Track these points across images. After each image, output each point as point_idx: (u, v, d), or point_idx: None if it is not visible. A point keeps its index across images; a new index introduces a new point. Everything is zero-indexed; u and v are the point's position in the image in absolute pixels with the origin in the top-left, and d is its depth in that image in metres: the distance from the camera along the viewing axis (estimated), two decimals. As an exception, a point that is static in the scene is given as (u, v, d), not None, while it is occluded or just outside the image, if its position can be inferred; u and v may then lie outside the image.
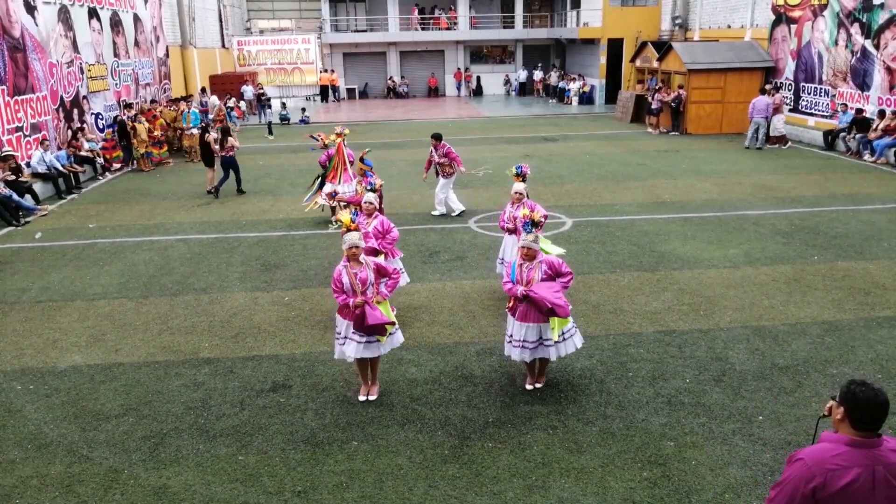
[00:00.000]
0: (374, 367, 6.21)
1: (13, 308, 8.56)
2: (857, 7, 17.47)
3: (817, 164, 16.44)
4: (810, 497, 2.82)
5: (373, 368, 6.21)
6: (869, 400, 2.82)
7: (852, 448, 2.84)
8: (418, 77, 37.68)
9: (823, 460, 2.84)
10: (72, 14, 17.32)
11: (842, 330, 7.35)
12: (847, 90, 18.17)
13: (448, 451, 5.38)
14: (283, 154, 19.85)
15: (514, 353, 6.02)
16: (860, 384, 2.88)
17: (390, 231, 7.41)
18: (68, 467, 5.30)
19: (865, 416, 2.83)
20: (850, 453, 2.83)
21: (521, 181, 8.11)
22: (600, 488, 4.90)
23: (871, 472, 2.81)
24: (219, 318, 8.10)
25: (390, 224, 7.52)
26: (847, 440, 2.87)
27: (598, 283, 8.90)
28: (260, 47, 34.33)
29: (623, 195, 13.66)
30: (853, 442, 2.85)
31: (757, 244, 10.32)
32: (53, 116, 16.01)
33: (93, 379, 6.68)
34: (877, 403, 2.82)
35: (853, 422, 2.86)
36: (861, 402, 2.83)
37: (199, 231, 11.86)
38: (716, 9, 25.14)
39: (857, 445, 2.84)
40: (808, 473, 2.84)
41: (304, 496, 4.90)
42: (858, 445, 2.84)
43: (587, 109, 29.69)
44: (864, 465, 2.81)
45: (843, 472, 2.80)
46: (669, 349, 7.00)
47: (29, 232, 12.06)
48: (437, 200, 12.46)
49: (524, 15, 36.93)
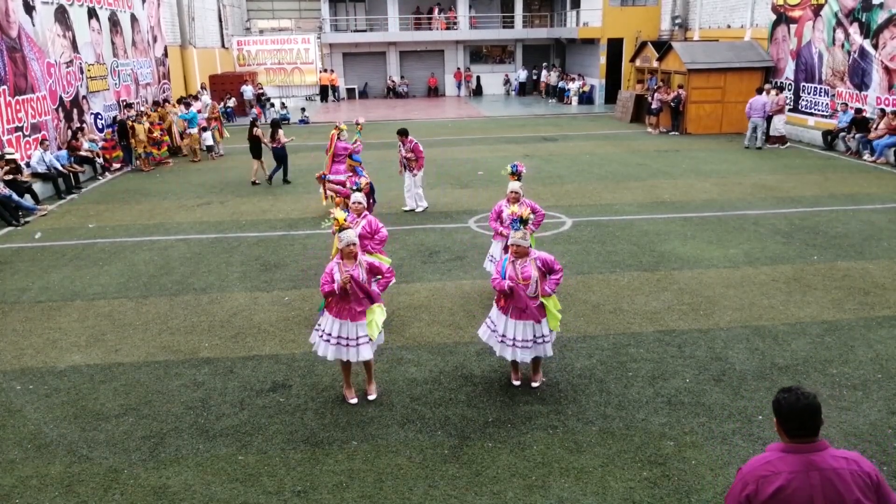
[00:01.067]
0: (367, 367, 6.16)
1: (13, 308, 8.56)
2: (856, 7, 17.48)
3: (817, 164, 16.44)
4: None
5: (367, 368, 6.17)
6: (791, 406, 2.84)
7: (785, 454, 2.87)
8: (418, 77, 37.68)
9: (756, 468, 2.88)
10: (70, 14, 17.31)
11: (841, 330, 7.35)
12: (845, 90, 18.18)
13: (448, 451, 5.38)
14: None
15: (515, 354, 5.99)
16: (785, 391, 2.91)
17: (378, 231, 7.29)
18: (68, 467, 5.30)
19: (792, 423, 2.86)
20: (782, 459, 2.86)
21: (517, 180, 8.09)
22: (600, 488, 4.91)
23: (804, 478, 2.80)
24: (219, 317, 8.10)
25: (378, 224, 7.38)
26: (781, 447, 2.91)
27: (598, 283, 8.90)
28: (260, 47, 34.33)
29: (623, 195, 13.66)
30: (787, 448, 2.89)
31: (757, 244, 10.32)
32: (53, 116, 16.01)
33: (93, 379, 6.68)
34: (799, 408, 2.83)
35: (786, 430, 2.90)
36: (784, 410, 2.87)
37: (198, 231, 11.86)
38: (715, 9, 25.14)
39: (790, 451, 2.87)
40: (742, 482, 2.89)
41: (303, 496, 4.90)
42: (792, 451, 2.87)
43: (587, 109, 29.69)
44: (795, 470, 2.82)
45: (772, 479, 2.82)
46: (669, 349, 7.00)
47: (29, 232, 12.06)
48: (409, 195, 12.73)
49: (524, 15, 36.93)
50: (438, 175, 16.00)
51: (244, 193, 14.69)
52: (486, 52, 38.06)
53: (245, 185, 15.56)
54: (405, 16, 36.96)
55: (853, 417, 5.69)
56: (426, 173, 15.92)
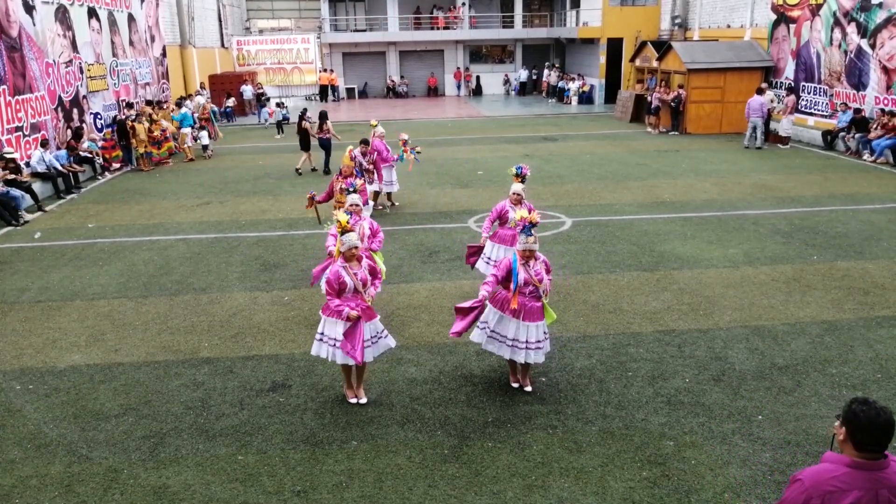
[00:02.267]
0: (359, 370, 6.13)
1: (13, 308, 8.56)
2: (854, 6, 17.48)
3: (817, 164, 16.45)
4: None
5: (357, 372, 6.14)
6: (870, 420, 2.69)
7: (853, 469, 2.72)
8: (418, 77, 37.67)
9: (821, 482, 2.73)
10: (70, 14, 17.31)
11: (841, 330, 7.36)
12: (843, 90, 18.18)
13: (448, 451, 5.38)
14: (284, 154, 19.83)
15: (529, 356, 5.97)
16: (862, 403, 2.76)
17: (379, 232, 7.42)
18: (68, 467, 5.30)
19: (867, 438, 2.70)
20: (849, 475, 2.71)
21: (521, 182, 8.09)
22: (600, 488, 4.91)
23: (873, 496, 2.69)
24: (218, 317, 8.09)
25: (377, 225, 7.54)
26: (848, 461, 2.75)
27: (598, 282, 8.90)
28: (259, 47, 34.32)
29: (623, 195, 13.66)
30: (854, 464, 2.73)
31: (756, 244, 10.32)
32: (52, 116, 15.99)
33: (92, 379, 6.68)
34: (879, 424, 2.69)
35: (855, 443, 2.74)
36: (862, 423, 2.70)
37: (198, 231, 11.86)
38: (715, 8, 25.14)
39: (858, 467, 2.72)
40: (804, 494, 2.74)
41: (303, 496, 4.90)
42: (860, 467, 2.72)
43: (587, 109, 29.69)
44: (865, 487, 2.69)
45: (841, 495, 2.68)
46: (669, 349, 7.00)
47: (28, 232, 12.06)
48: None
49: (524, 14, 36.93)
50: (438, 175, 16.01)
51: (244, 193, 14.70)
52: (486, 52, 38.06)
53: (245, 184, 15.57)
54: (405, 16, 36.96)
55: (853, 417, 5.69)
56: (425, 172, 15.96)
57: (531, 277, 5.83)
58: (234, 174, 16.88)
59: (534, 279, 5.82)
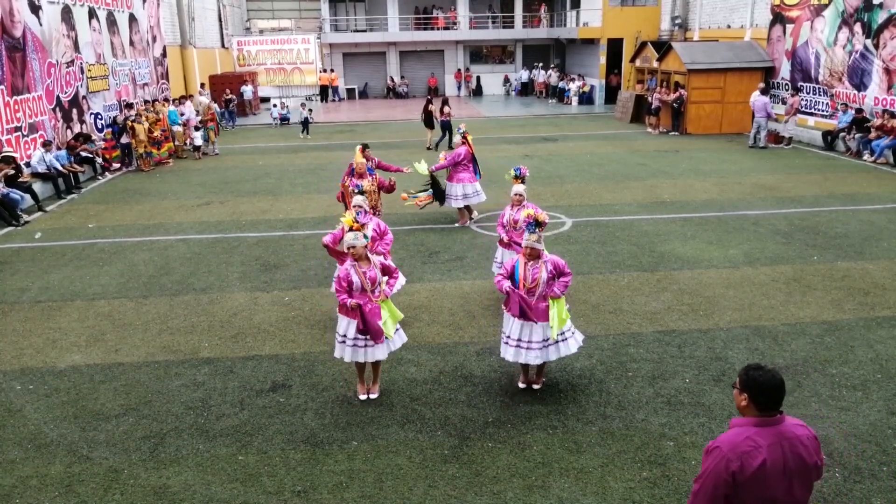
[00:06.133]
0: (375, 366, 6.20)
1: (13, 308, 8.56)
2: (858, 7, 17.48)
3: (817, 164, 16.45)
4: (731, 482, 2.95)
5: (374, 368, 6.21)
6: (768, 382, 2.99)
7: (760, 428, 3.01)
8: (418, 77, 37.67)
9: (737, 444, 2.98)
10: (74, 14, 17.33)
11: (841, 330, 7.35)
12: (843, 90, 18.18)
13: (448, 451, 5.38)
14: (284, 154, 19.85)
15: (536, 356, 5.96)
16: (756, 368, 3.05)
17: (386, 233, 7.36)
18: (68, 467, 5.30)
19: (768, 398, 3.00)
20: (759, 433, 3.00)
21: (520, 183, 8.10)
22: (600, 488, 4.91)
23: (779, 448, 2.98)
24: (219, 318, 8.10)
25: (386, 226, 7.47)
26: (755, 422, 3.03)
27: (598, 283, 8.90)
28: (260, 47, 34.31)
29: (623, 195, 13.66)
30: (760, 422, 3.02)
31: (757, 244, 10.32)
32: (50, 116, 15.98)
33: (93, 379, 6.68)
34: (775, 384, 3.00)
35: (758, 405, 3.02)
36: (763, 385, 3.00)
37: (198, 231, 11.86)
38: (715, 9, 25.15)
39: (763, 425, 3.02)
40: (724, 459, 2.97)
41: (303, 496, 4.90)
42: (765, 425, 3.02)
43: (587, 109, 29.69)
44: (772, 442, 2.98)
45: (755, 453, 2.95)
46: (669, 349, 7.00)
47: (29, 232, 12.06)
48: None
49: (524, 15, 36.94)
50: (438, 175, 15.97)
51: (244, 193, 14.70)
52: (486, 53, 38.07)
53: (245, 184, 15.57)
54: (405, 16, 36.97)
55: (853, 417, 5.69)
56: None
57: (526, 278, 5.81)
58: (234, 174, 16.88)
59: (528, 279, 5.81)
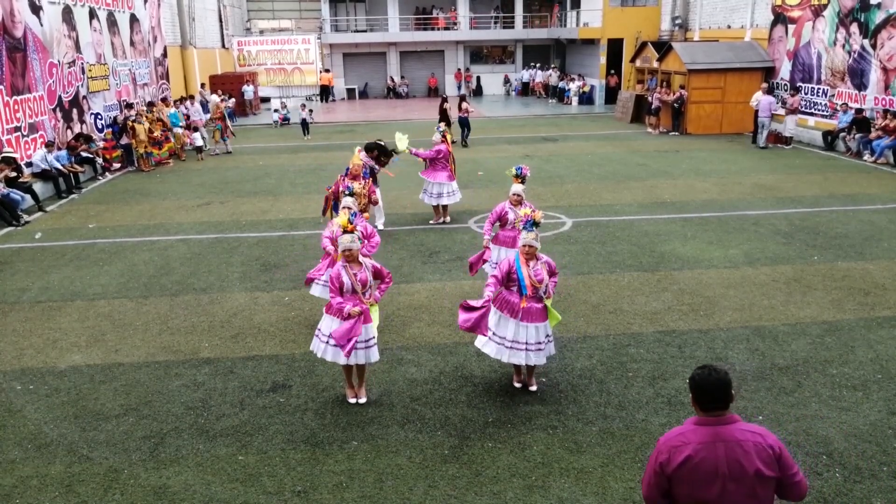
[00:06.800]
0: (360, 370, 6.13)
1: (13, 308, 8.56)
2: (855, 6, 17.48)
3: (817, 164, 16.45)
4: (661, 473, 3.05)
5: (359, 372, 6.14)
6: (703, 380, 3.04)
7: (697, 426, 3.07)
8: (418, 77, 37.67)
9: (670, 438, 3.08)
10: (74, 14, 17.33)
11: (842, 330, 7.35)
12: (845, 90, 18.18)
13: (448, 451, 5.38)
14: (283, 154, 19.85)
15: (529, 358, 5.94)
16: (700, 368, 3.11)
17: (373, 236, 7.28)
18: (68, 467, 5.30)
19: (704, 396, 3.05)
20: (694, 431, 3.05)
21: (521, 183, 8.09)
22: (600, 488, 4.91)
23: (711, 449, 2.99)
24: (219, 318, 8.10)
25: (373, 228, 7.40)
26: (695, 420, 3.11)
27: (598, 283, 8.90)
28: (260, 47, 34.32)
29: (623, 195, 13.66)
30: (699, 421, 3.08)
31: (757, 244, 10.32)
32: (50, 116, 15.98)
33: (93, 379, 6.68)
34: (711, 382, 3.02)
35: (699, 403, 3.08)
36: (698, 384, 3.06)
37: (199, 231, 11.86)
38: (716, 9, 25.15)
39: (701, 424, 3.06)
40: (657, 451, 3.09)
41: (304, 496, 4.90)
42: (703, 423, 3.06)
43: (587, 109, 29.69)
44: (704, 441, 3.00)
45: (682, 448, 3.01)
46: (669, 349, 7.00)
47: (29, 232, 12.06)
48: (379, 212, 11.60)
49: (524, 15, 36.93)
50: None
51: (244, 194, 14.70)
52: (487, 53, 38.06)
53: (245, 184, 15.58)
54: (405, 16, 36.97)
55: (853, 417, 5.69)
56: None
57: (531, 278, 5.82)
58: (234, 174, 16.88)
59: (533, 279, 5.81)
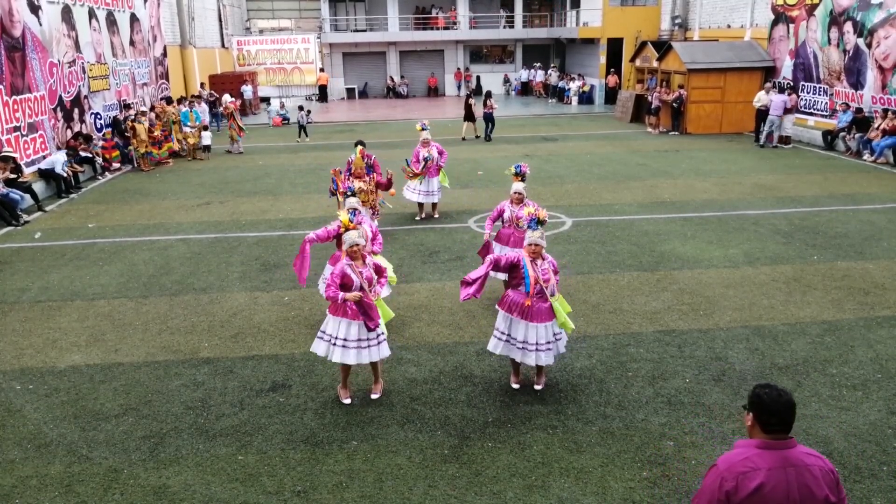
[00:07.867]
0: (374, 365, 6.18)
1: (13, 308, 8.56)
2: (852, 5, 17.47)
3: (817, 164, 16.44)
4: (726, 501, 2.84)
5: (374, 367, 6.19)
6: (773, 401, 2.87)
7: (762, 450, 2.88)
8: (418, 77, 37.67)
9: (734, 464, 2.87)
10: (74, 14, 17.32)
11: (841, 330, 7.35)
12: (843, 89, 18.18)
13: (448, 451, 5.38)
14: (283, 154, 19.85)
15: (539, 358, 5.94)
16: (764, 387, 2.93)
17: (377, 235, 7.37)
18: (68, 467, 5.30)
19: (773, 418, 2.87)
20: (760, 455, 2.86)
21: (521, 181, 8.09)
22: (600, 488, 4.90)
23: (782, 473, 2.83)
24: (218, 318, 8.09)
25: (377, 227, 7.52)
26: (758, 443, 2.91)
27: (598, 282, 8.90)
28: (259, 47, 34.32)
29: (623, 195, 13.66)
30: (763, 444, 2.89)
31: (757, 244, 10.32)
32: (50, 116, 15.97)
33: (92, 379, 6.68)
34: (781, 403, 2.86)
35: (762, 425, 2.90)
36: (767, 405, 2.88)
37: (198, 231, 11.86)
38: (715, 9, 25.14)
39: (767, 447, 2.88)
40: (719, 478, 2.87)
41: (303, 496, 4.90)
42: (769, 447, 2.88)
43: (587, 109, 29.68)
44: (774, 466, 2.84)
45: (752, 475, 2.82)
46: (669, 349, 7.00)
47: (29, 232, 12.06)
48: None
49: (524, 15, 36.93)
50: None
51: (244, 193, 14.70)
52: (486, 52, 38.06)
53: (245, 184, 15.58)
54: (405, 16, 36.96)
55: (853, 417, 5.69)
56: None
57: (538, 277, 5.82)
58: (234, 174, 16.88)
59: (540, 279, 5.82)
